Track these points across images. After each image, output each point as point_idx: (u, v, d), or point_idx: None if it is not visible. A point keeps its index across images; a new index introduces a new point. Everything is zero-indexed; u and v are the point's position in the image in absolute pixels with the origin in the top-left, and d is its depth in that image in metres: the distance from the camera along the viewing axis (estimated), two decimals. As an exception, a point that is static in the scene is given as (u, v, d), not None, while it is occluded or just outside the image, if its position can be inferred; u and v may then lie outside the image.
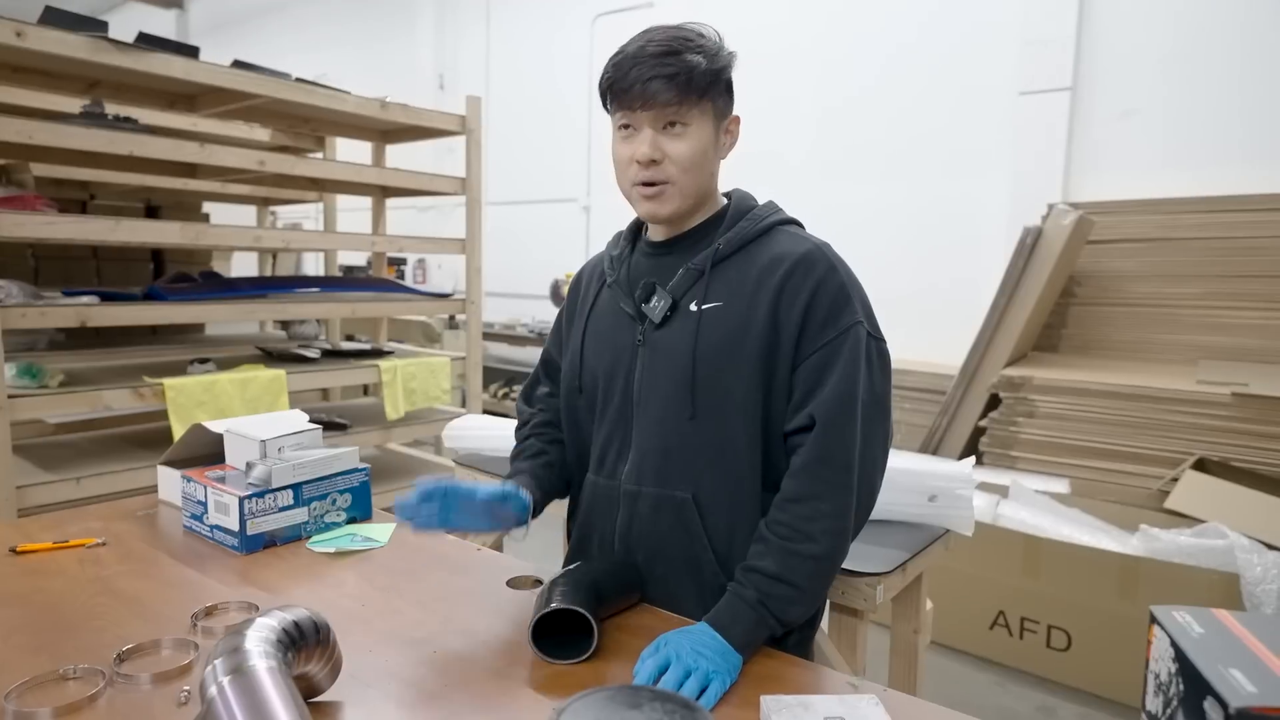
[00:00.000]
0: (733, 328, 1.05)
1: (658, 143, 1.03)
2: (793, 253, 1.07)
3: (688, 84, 1.01)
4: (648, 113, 1.02)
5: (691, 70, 1.01)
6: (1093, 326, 3.90)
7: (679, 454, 1.08)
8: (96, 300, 2.30)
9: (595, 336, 1.18)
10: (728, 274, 1.08)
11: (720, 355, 1.05)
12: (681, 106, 1.02)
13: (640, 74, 1.01)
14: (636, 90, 1.01)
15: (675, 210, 1.07)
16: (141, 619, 0.99)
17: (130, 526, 1.33)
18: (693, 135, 1.04)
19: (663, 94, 1.01)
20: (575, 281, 1.29)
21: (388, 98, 2.92)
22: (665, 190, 1.05)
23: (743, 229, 1.10)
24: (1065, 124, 4.24)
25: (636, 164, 1.04)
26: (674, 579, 1.10)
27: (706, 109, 1.05)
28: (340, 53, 8.39)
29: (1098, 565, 2.43)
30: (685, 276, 1.09)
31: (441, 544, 1.30)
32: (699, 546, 1.08)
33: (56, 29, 2.10)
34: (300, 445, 1.37)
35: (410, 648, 0.94)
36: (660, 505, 1.10)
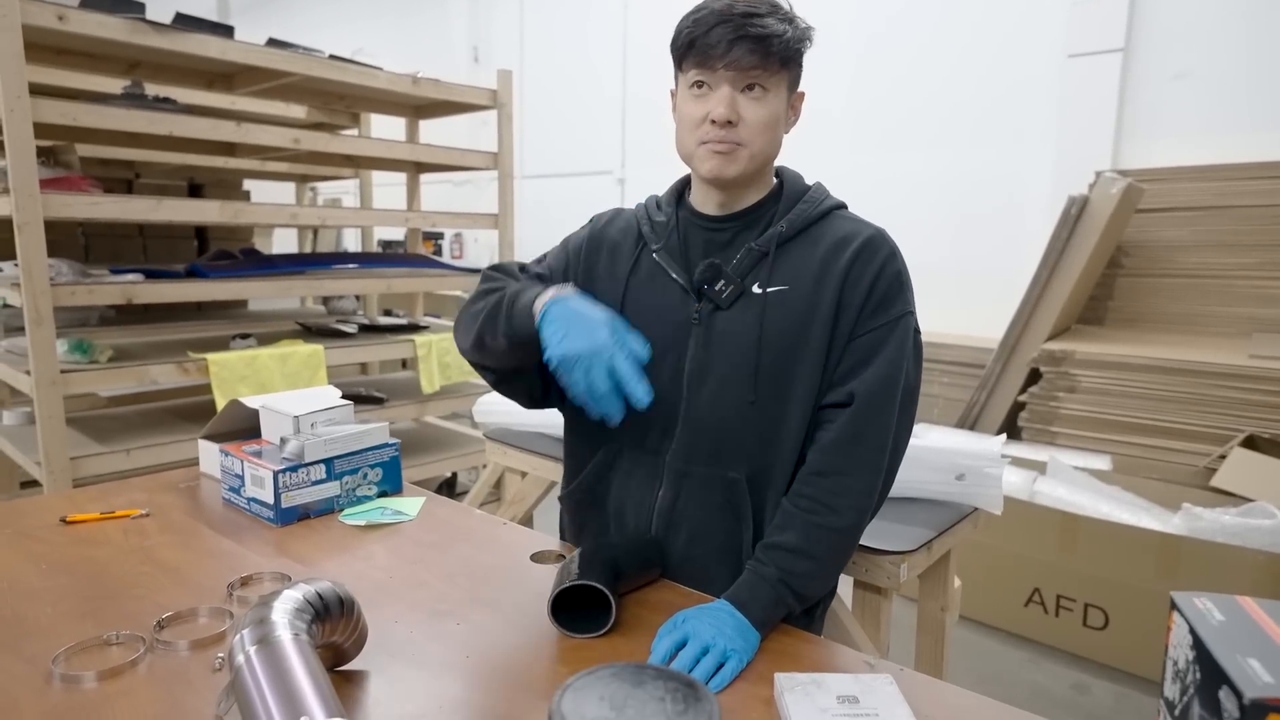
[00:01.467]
0: (799, 312, 1.05)
1: (735, 103, 1.01)
2: (857, 234, 1.07)
3: (775, 49, 1.00)
4: (729, 72, 1.00)
5: (781, 36, 1.00)
6: (1141, 298, 3.78)
7: (734, 435, 1.07)
8: (141, 278, 2.37)
9: (638, 306, 1.12)
10: (790, 256, 1.07)
11: (786, 340, 1.05)
12: (764, 70, 1.01)
13: (726, 33, 0.99)
14: (721, 49, 0.99)
15: (742, 172, 1.05)
16: (181, 587, 1.04)
17: (173, 498, 1.38)
18: (771, 101, 1.03)
19: (749, 55, 0.99)
20: (597, 234, 1.19)
21: (419, 73, 2.92)
22: (737, 152, 1.03)
23: (803, 210, 1.09)
24: (1116, 87, 4.08)
25: (710, 123, 1.02)
26: (711, 562, 1.09)
27: (783, 79, 1.04)
28: (376, 26, 8.42)
29: (1137, 544, 2.38)
30: (748, 257, 1.07)
31: (469, 519, 1.32)
32: (744, 528, 1.08)
33: (96, 12, 2.15)
34: (332, 421, 1.40)
35: (435, 620, 0.97)
36: (710, 484, 1.08)
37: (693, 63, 1.02)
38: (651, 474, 1.12)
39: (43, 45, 2.34)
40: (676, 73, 1.08)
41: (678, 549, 1.11)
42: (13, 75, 1.98)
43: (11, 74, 1.98)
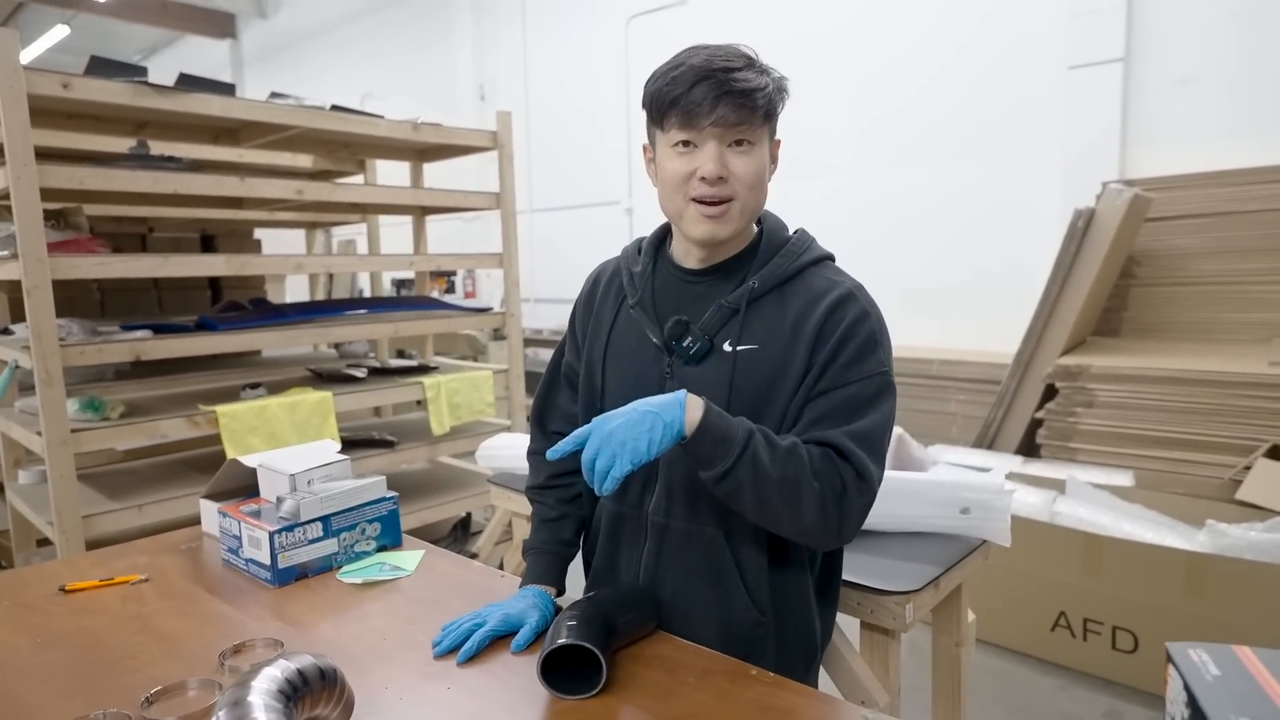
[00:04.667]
0: (769, 371, 1.03)
1: (724, 159, 1.01)
2: (829, 291, 1.05)
3: (759, 103, 0.99)
4: (716, 129, 0.99)
5: (763, 90, 1.00)
6: (1156, 308, 3.72)
7: (710, 492, 1.04)
8: (150, 335, 2.40)
9: (617, 360, 1.14)
10: (763, 313, 1.06)
11: (756, 399, 1.04)
12: (749, 125, 1.00)
13: (709, 90, 0.98)
14: (706, 107, 0.98)
15: (735, 230, 1.05)
16: (174, 658, 1.03)
17: (173, 561, 1.38)
18: (757, 154, 1.02)
19: (735, 112, 0.98)
20: (589, 288, 1.23)
21: (420, 118, 2.97)
22: (729, 209, 1.03)
23: (778, 266, 1.07)
24: (1119, 96, 4.06)
25: (699, 180, 1.01)
26: (699, 615, 1.08)
27: (766, 130, 1.04)
28: (384, 70, 8.59)
29: (1163, 563, 2.32)
30: (718, 314, 1.06)
31: (467, 572, 1.31)
32: (730, 582, 1.06)
33: (100, 78, 2.20)
34: (330, 476, 1.40)
35: (425, 683, 0.96)
36: (690, 539, 1.08)
37: (676, 122, 1.01)
38: (636, 531, 1.13)
39: (51, 111, 2.41)
40: (654, 130, 1.07)
41: (665, 601, 1.10)
42: (19, 144, 2.03)
43: (18, 142, 2.03)
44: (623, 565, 1.16)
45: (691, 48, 1.04)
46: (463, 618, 1.08)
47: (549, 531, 1.21)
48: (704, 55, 1.01)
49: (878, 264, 4.99)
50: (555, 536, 1.21)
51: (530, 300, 7.06)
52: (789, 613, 1.09)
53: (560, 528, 1.22)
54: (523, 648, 1.03)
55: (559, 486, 1.24)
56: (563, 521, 1.22)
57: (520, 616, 1.07)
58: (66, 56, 10.91)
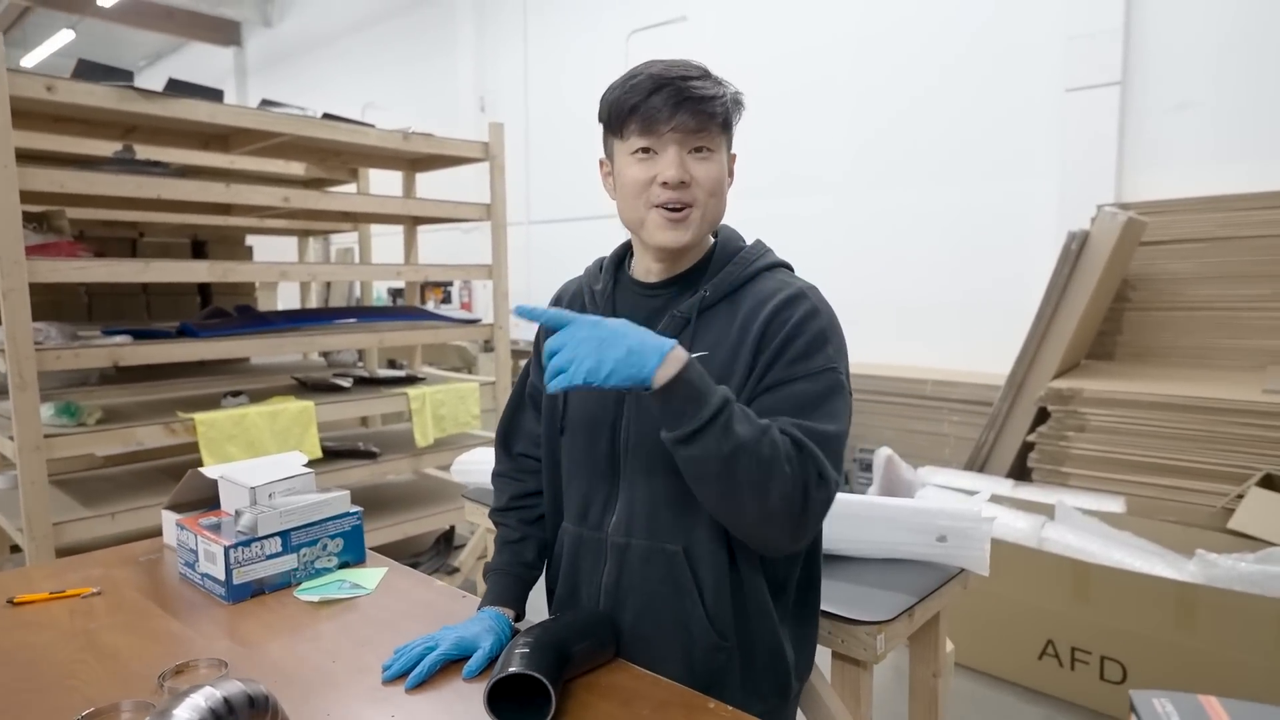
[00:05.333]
0: (718, 377, 1.00)
1: (685, 163, 1.00)
2: (775, 295, 1.03)
3: (719, 111, 1.00)
4: (675, 135, 0.99)
5: (720, 98, 1.00)
6: (1150, 332, 3.70)
7: (669, 507, 1.04)
8: (129, 340, 2.37)
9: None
10: (714, 322, 1.04)
11: None
12: (709, 132, 1.01)
13: (668, 97, 0.98)
14: (665, 113, 0.98)
15: (696, 237, 1.04)
16: (114, 678, 1.00)
17: (129, 574, 1.35)
18: (717, 161, 1.03)
19: (693, 118, 0.98)
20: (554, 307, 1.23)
21: (412, 128, 2.96)
22: (689, 215, 1.02)
23: (729, 273, 1.06)
24: (1115, 120, 4.05)
25: (660, 186, 1.00)
26: (661, 638, 1.05)
27: (724, 140, 1.04)
28: (386, 80, 8.62)
29: (1152, 593, 2.27)
30: (671, 324, 1.05)
31: (428, 592, 1.28)
32: (689, 602, 1.03)
33: (85, 81, 2.19)
34: (292, 490, 1.37)
35: (370, 709, 0.92)
36: (651, 558, 1.05)
37: (635, 129, 1.01)
38: (596, 553, 1.10)
39: (38, 114, 2.39)
40: (612, 140, 1.06)
41: (626, 626, 1.07)
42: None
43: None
44: (584, 589, 1.13)
45: (648, 61, 1.03)
46: (416, 640, 1.04)
47: (510, 553, 1.19)
48: (661, 65, 1.01)
49: (873, 282, 4.99)
50: (517, 558, 1.18)
51: (526, 312, 7.04)
52: (754, 638, 1.06)
53: (522, 549, 1.19)
54: (474, 674, 1.00)
55: (522, 508, 1.22)
56: (524, 543, 1.19)
57: (474, 640, 1.04)
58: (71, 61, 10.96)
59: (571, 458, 1.14)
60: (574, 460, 1.14)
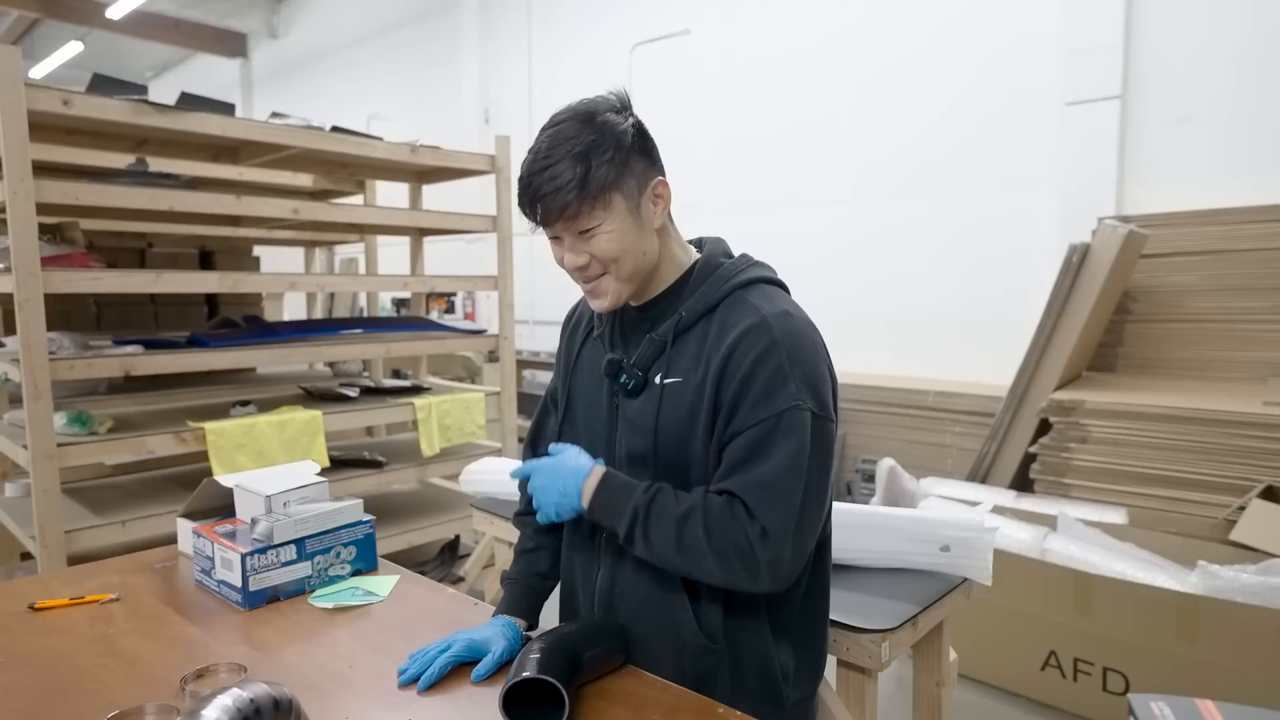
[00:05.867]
0: (688, 404, 1.04)
1: (578, 248, 1.03)
2: (738, 325, 1.02)
3: (571, 199, 0.98)
4: (554, 229, 1.02)
5: (570, 183, 0.97)
6: (1152, 344, 3.72)
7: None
8: (141, 350, 2.40)
9: (581, 392, 1.18)
10: (690, 344, 1.06)
11: (680, 432, 1.04)
12: (579, 218, 1.00)
13: (526, 200, 1.01)
14: (535, 216, 1.01)
15: (616, 301, 1.06)
16: (136, 681, 1.02)
17: (146, 580, 1.37)
18: (607, 232, 1.01)
19: (554, 215, 0.99)
20: (567, 320, 1.27)
21: (420, 140, 2.99)
22: (601, 283, 1.05)
23: (705, 295, 1.07)
24: (1116, 133, 4.08)
25: (570, 270, 1.06)
26: (653, 641, 1.08)
27: (611, 201, 1.00)
28: (391, 92, 8.68)
29: (1154, 604, 2.29)
30: (650, 347, 1.07)
31: (439, 599, 1.30)
32: (679, 608, 1.06)
33: (101, 95, 2.23)
34: (306, 499, 1.39)
35: (387, 713, 0.94)
36: (642, 566, 1.07)
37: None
38: (590, 559, 1.14)
39: (53, 126, 2.43)
40: None
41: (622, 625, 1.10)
42: (17, 159, 2.04)
43: (16, 158, 2.04)
44: (581, 594, 1.16)
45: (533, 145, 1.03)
46: (430, 645, 1.07)
47: (524, 563, 1.22)
48: (527, 159, 1.02)
49: (875, 295, 5.02)
50: (530, 569, 1.21)
51: (529, 322, 7.07)
52: (743, 644, 1.07)
53: (535, 559, 1.22)
54: (483, 677, 1.02)
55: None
56: (538, 553, 1.22)
57: (486, 644, 1.06)
58: (80, 72, 11.04)
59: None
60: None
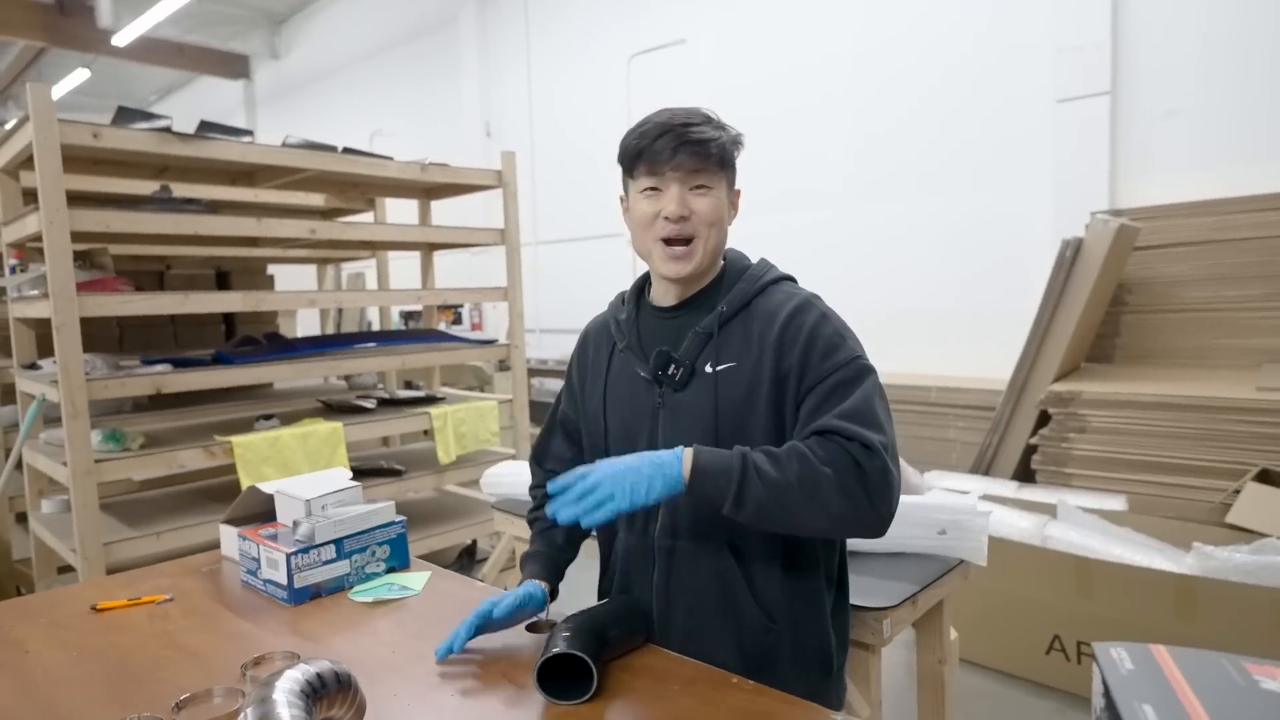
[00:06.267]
0: (746, 384, 1.13)
1: (686, 199, 1.14)
2: (784, 306, 1.16)
3: (715, 152, 1.13)
4: (677, 174, 1.13)
5: (717, 140, 1.14)
6: (1148, 335, 3.80)
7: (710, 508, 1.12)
8: (170, 369, 2.50)
9: (615, 401, 1.25)
10: (734, 334, 1.17)
11: (739, 410, 1.13)
12: (706, 171, 1.14)
13: (670, 141, 1.12)
14: (667, 154, 1.12)
15: (698, 267, 1.17)
16: (200, 670, 1.11)
17: (195, 582, 1.47)
18: (715, 196, 1.16)
19: (692, 159, 1.12)
20: (581, 344, 1.35)
21: (428, 158, 3.10)
22: (692, 248, 1.15)
23: (741, 290, 1.19)
24: (1106, 128, 4.17)
25: (664, 220, 1.14)
26: (712, 629, 1.15)
27: (723, 178, 1.17)
28: (393, 108, 8.80)
29: (1153, 586, 2.37)
30: (695, 340, 1.17)
31: (471, 591, 1.39)
32: (740, 593, 1.14)
33: (125, 126, 2.34)
34: (342, 502, 1.49)
35: (431, 691, 1.03)
36: (697, 557, 1.16)
37: (643, 170, 1.16)
38: (645, 556, 1.22)
39: (81, 159, 2.54)
40: (627, 180, 1.21)
41: (679, 623, 1.17)
42: (52, 190, 2.15)
43: (51, 189, 2.15)
44: (636, 591, 1.24)
45: (660, 109, 1.18)
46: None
47: (543, 540, 1.32)
48: (668, 114, 1.16)
49: (874, 292, 5.11)
50: (548, 542, 1.31)
51: (535, 331, 7.18)
52: (801, 620, 1.15)
53: (552, 534, 1.32)
54: (502, 614, 1.13)
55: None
56: (554, 530, 1.32)
57: (502, 597, 1.16)
58: (88, 98, 11.23)
59: None
60: None
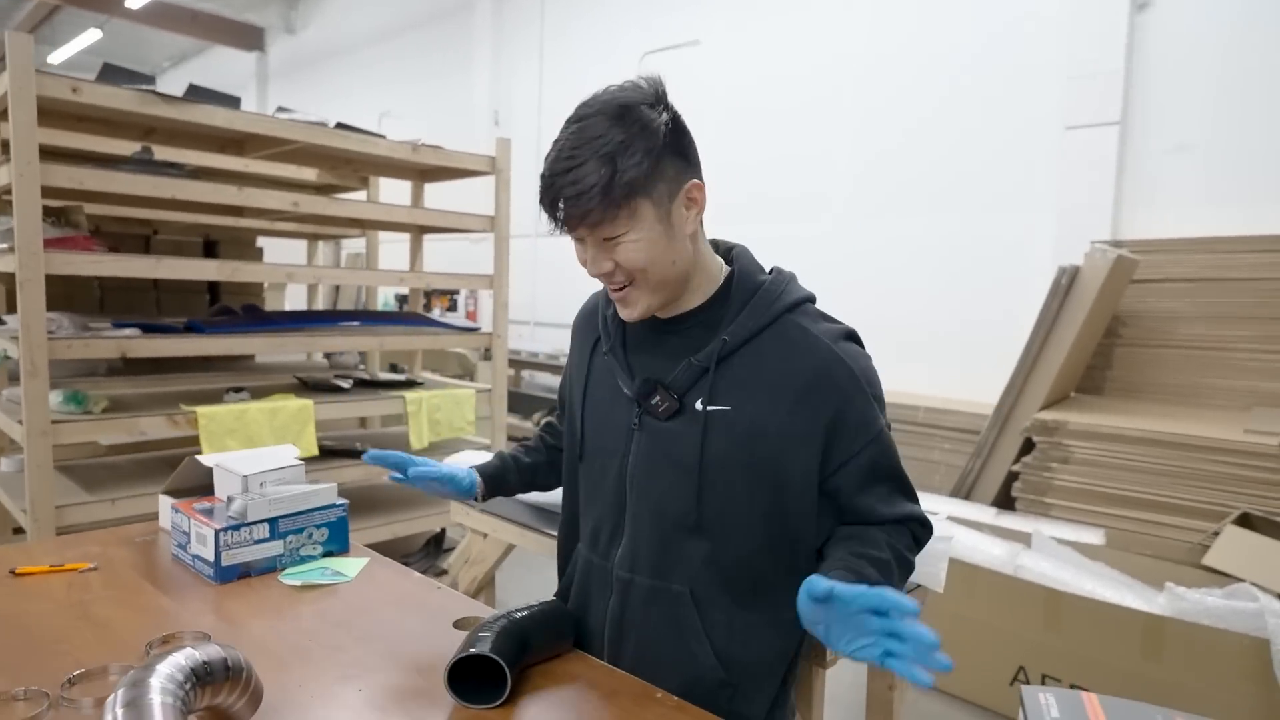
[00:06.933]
0: (743, 431, 0.99)
1: (602, 255, 0.97)
2: (810, 360, 1.00)
3: (595, 204, 0.91)
4: (581, 231, 0.96)
5: (595, 187, 0.90)
6: (1139, 369, 3.75)
7: (677, 550, 1.05)
8: (138, 333, 2.46)
9: (594, 407, 1.15)
10: (735, 369, 1.01)
11: (730, 461, 1.00)
12: (603, 225, 0.94)
13: (548, 200, 0.95)
14: (555, 217, 0.95)
15: (646, 311, 1.02)
16: (105, 645, 1.06)
17: (125, 553, 1.42)
18: (633, 240, 0.95)
19: (576, 220, 0.94)
20: (576, 323, 1.23)
21: (422, 140, 3.05)
22: (629, 294, 1.00)
23: (749, 319, 1.02)
24: (1114, 159, 4.13)
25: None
26: (663, 673, 1.03)
27: (639, 207, 0.94)
28: (404, 91, 8.76)
29: (1121, 623, 2.32)
30: (688, 372, 1.02)
31: (405, 581, 1.34)
32: (695, 641, 1.04)
33: (109, 84, 2.29)
34: (283, 480, 1.44)
35: (339, 684, 0.99)
36: (654, 597, 1.06)
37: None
38: (603, 582, 1.13)
39: (62, 113, 2.49)
40: None
41: (628, 658, 1.09)
42: (24, 142, 2.10)
43: (23, 141, 2.10)
44: (592, 615, 1.15)
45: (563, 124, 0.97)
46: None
47: (517, 448, 1.32)
48: (551, 155, 0.95)
49: (869, 307, 5.05)
50: (517, 453, 1.31)
51: (530, 324, 7.13)
52: (762, 673, 1.05)
53: (529, 452, 1.33)
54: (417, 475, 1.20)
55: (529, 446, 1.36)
56: (533, 451, 1.33)
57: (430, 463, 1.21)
58: (98, 59, 11.18)
59: (587, 485, 1.18)
60: (589, 487, 1.17)
